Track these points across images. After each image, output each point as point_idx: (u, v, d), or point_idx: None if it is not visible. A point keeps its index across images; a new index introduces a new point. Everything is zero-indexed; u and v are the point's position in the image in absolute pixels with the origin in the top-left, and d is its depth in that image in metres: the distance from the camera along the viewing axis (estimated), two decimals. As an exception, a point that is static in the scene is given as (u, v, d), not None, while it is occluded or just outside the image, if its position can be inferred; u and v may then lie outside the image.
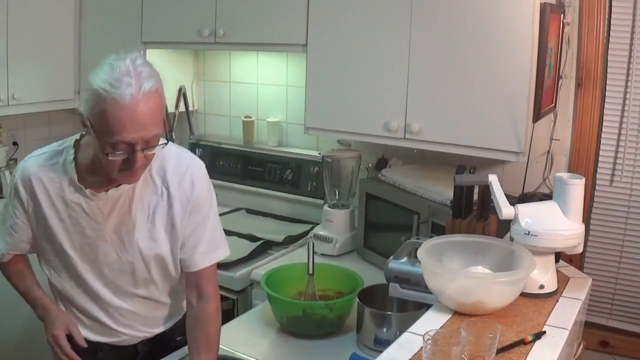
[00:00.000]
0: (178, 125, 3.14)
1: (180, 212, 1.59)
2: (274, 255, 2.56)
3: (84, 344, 1.64)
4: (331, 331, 1.95)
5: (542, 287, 1.52)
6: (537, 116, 2.05)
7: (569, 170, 2.36)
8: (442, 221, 1.99)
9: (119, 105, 1.32)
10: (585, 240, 2.31)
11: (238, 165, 3.12)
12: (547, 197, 1.63)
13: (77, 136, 1.57)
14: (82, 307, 1.66)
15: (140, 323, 1.71)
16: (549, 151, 2.41)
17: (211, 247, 1.64)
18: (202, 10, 2.70)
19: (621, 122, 2.28)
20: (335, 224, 2.58)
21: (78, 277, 1.63)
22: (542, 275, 1.52)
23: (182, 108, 3.13)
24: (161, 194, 1.58)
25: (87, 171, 1.53)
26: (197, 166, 1.63)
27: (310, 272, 2.00)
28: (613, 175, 2.32)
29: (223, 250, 1.68)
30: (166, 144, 1.47)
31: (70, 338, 1.63)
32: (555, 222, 1.51)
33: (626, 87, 2.25)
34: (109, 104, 1.32)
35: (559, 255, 1.68)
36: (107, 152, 1.37)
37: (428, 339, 1.15)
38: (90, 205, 1.54)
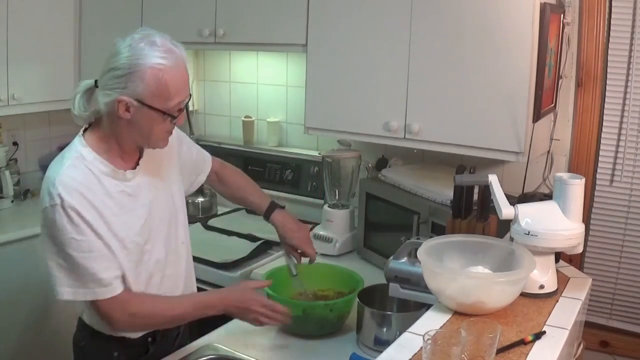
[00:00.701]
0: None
1: (177, 148, 1.82)
2: (274, 256, 2.56)
3: (269, 283, 1.88)
4: (331, 331, 1.95)
5: (542, 287, 1.52)
6: (537, 116, 2.05)
7: (569, 170, 2.36)
8: (442, 221, 1.99)
9: (176, 70, 1.49)
10: (585, 240, 2.31)
11: (238, 165, 3.06)
12: (547, 197, 1.63)
13: (79, 137, 1.57)
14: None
15: (187, 278, 1.80)
16: (549, 151, 2.40)
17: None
18: (202, 10, 2.70)
19: (621, 122, 2.28)
20: (335, 224, 2.58)
21: (144, 260, 1.62)
22: (542, 275, 1.52)
23: (182, 108, 3.13)
24: None
25: (109, 160, 1.56)
26: None
27: (294, 273, 2.02)
28: (613, 175, 2.32)
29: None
30: None
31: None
32: (555, 222, 1.51)
33: (626, 87, 2.25)
34: (169, 72, 1.47)
35: (559, 255, 1.68)
36: (174, 115, 1.53)
37: (428, 339, 1.15)
38: (131, 186, 1.59)
